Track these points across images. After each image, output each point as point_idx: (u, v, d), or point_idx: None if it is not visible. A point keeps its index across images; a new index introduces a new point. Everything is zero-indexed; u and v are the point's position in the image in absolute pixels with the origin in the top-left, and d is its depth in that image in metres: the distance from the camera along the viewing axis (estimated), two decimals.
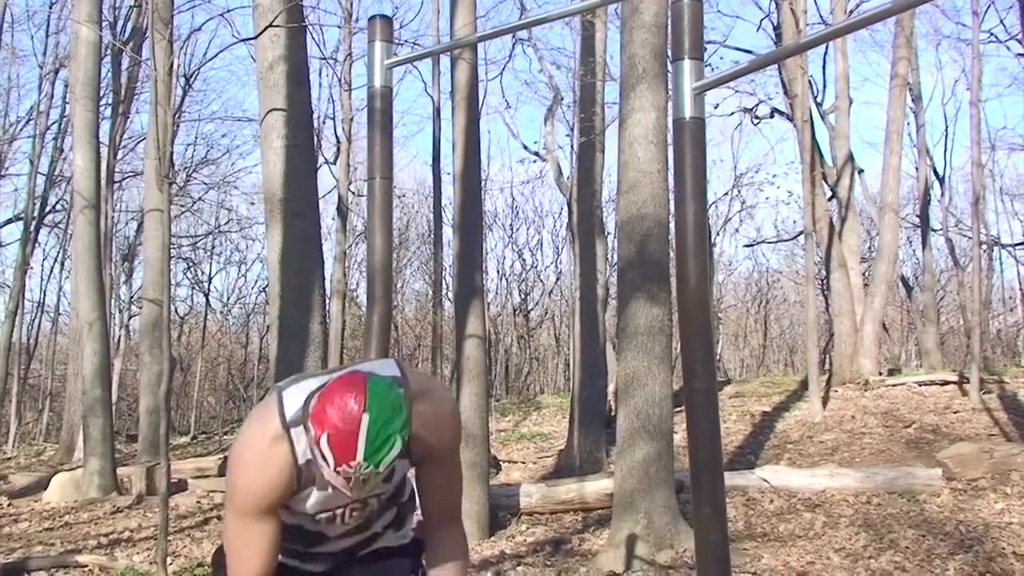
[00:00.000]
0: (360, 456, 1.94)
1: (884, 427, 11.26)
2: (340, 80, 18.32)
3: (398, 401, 2.00)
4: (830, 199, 16.37)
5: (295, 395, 2.12)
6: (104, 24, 14.64)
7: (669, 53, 5.24)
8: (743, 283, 33.33)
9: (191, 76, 21.72)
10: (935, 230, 21.67)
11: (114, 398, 14.88)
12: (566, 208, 17.43)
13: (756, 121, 19.19)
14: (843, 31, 3.99)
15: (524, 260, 29.25)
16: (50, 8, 21.47)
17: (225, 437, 18.66)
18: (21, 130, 22.81)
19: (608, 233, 15.88)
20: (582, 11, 6.28)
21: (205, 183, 25.82)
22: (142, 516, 9.63)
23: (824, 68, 19.85)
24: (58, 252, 24.17)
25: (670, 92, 6.19)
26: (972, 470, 8.40)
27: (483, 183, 14.99)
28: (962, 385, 13.12)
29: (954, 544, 6.70)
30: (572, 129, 15.82)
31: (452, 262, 9.12)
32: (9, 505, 10.72)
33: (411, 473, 2.38)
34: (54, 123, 21.34)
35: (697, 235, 2.77)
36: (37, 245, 22.31)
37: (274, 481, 2.11)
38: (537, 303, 29.74)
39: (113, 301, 20.91)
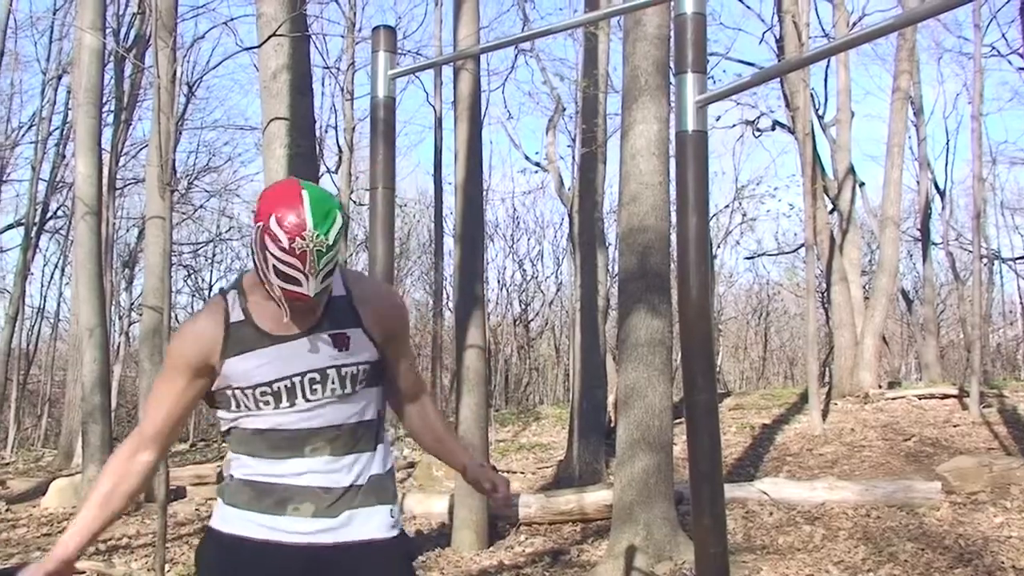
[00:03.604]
0: (310, 223, 2.08)
1: (884, 440, 11.25)
2: (343, 89, 18.36)
3: (328, 192, 2.20)
4: (831, 212, 16.38)
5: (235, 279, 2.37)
6: (107, 31, 14.67)
7: (672, 65, 5.25)
8: (744, 295, 33.36)
9: (194, 84, 21.79)
10: (936, 243, 21.72)
11: (113, 405, 14.87)
12: (567, 219, 17.44)
13: (758, 134, 19.21)
14: (846, 45, 4.00)
15: (525, 270, 29.27)
16: (54, 14, 21.53)
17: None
18: (23, 136, 22.88)
19: (609, 244, 15.91)
20: (585, 23, 6.30)
21: (207, 191, 25.89)
22: (140, 523, 9.62)
23: (826, 81, 19.93)
24: (59, 258, 24.19)
25: (672, 104, 6.20)
26: (972, 484, 8.39)
27: (485, 193, 15.01)
28: (962, 399, 13.11)
29: (953, 558, 6.69)
30: (574, 140, 15.84)
31: (453, 272, 9.13)
32: (7, 511, 10.71)
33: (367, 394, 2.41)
34: (56, 129, 21.39)
35: (699, 247, 2.77)
36: (38, 251, 22.36)
37: (204, 331, 2.26)
38: (537, 313, 29.74)
39: (113, 308, 20.90)
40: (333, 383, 2.27)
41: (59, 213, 22.31)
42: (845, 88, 16.40)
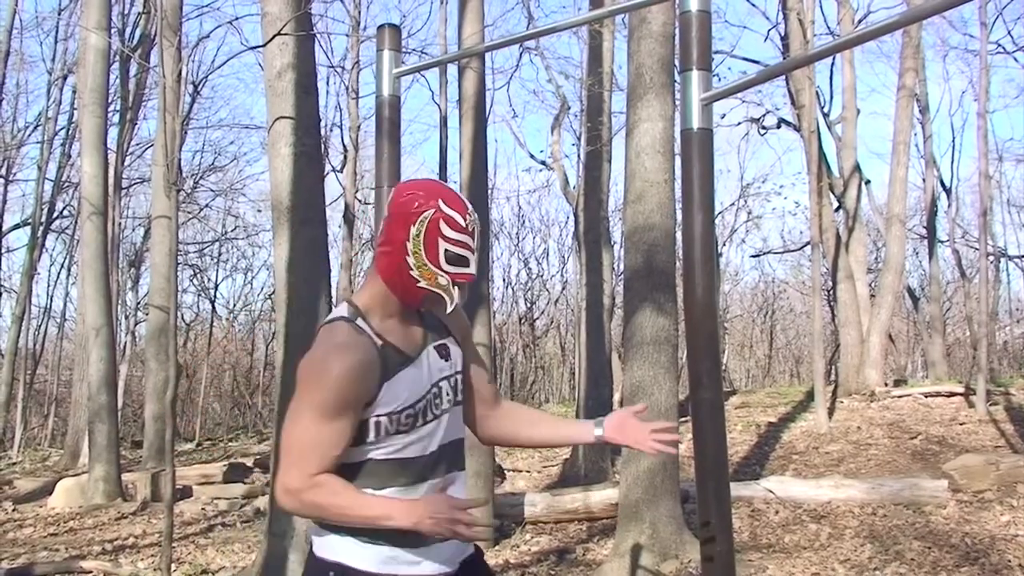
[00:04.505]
0: (468, 204, 2.24)
1: (890, 438, 11.23)
2: (348, 88, 18.38)
3: None
4: (837, 210, 16.36)
5: (340, 308, 2.28)
6: (113, 31, 14.69)
7: (677, 63, 5.25)
8: (749, 293, 33.35)
9: (199, 83, 21.84)
10: (942, 241, 21.66)
11: (119, 404, 14.89)
12: (572, 217, 17.46)
13: (763, 131, 19.19)
14: (852, 43, 3.99)
15: (530, 269, 29.28)
16: (59, 14, 21.59)
17: (230, 444, 18.66)
18: (29, 136, 22.96)
19: (614, 242, 15.89)
20: (590, 21, 6.30)
21: (212, 190, 25.95)
22: (147, 522, 9.64)
23: (831, 78, 19.87)
24: (65, 258, 24.28)
25: (677, 101, 6.20)
26: (978, 482, 8.38)
27: (490, 192, 14.99)
28: (968, 396, 13.09)
29: (960, 556, 6.68)
30: (579, 138, 15.87)
31: None
32: (14, 510, 10.73)
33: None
34: (62, 129, 21.44)
35: (704, 245, 2.77)
36: (44, 250, 22.40)
37: (365, 363, 2.14)
38: (543, 312, 29.75)
39: (119, 307, 20.95)
40: (448, 394, 2.30)
41: (65, 213, 22.37)
42: (850, 85, 16.37)
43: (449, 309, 2.26)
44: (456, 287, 2.24)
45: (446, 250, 2.19)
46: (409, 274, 2.19)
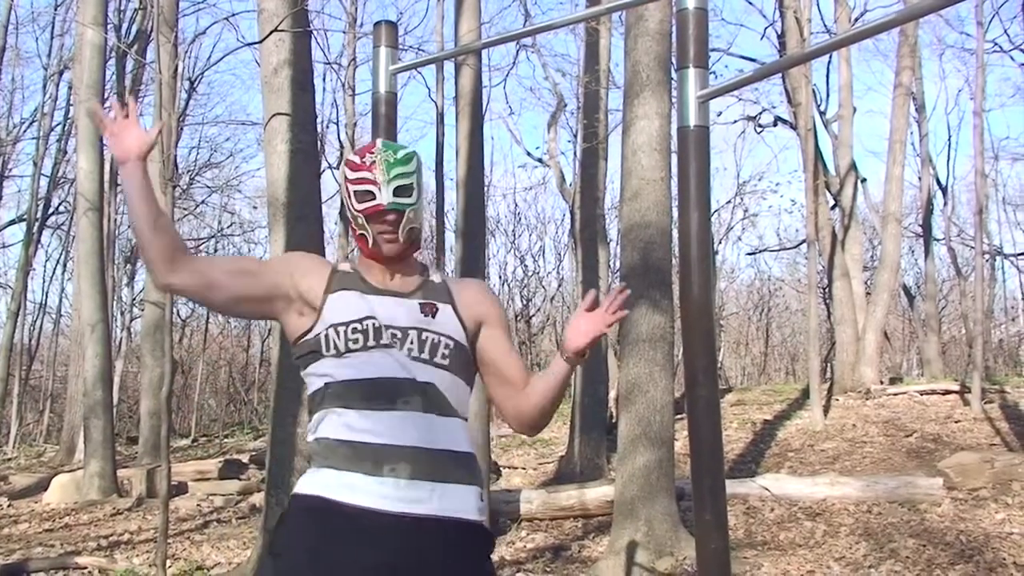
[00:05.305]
0: (378, 144, 2.37)
1: (885, 436, 11.24)
2: (344, 85, 18.36)
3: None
4: (833, 208, 16.38)
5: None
6: (109, 26, 14.67)
7: (674, 61, 5.25)
8: (745, 291, 33.33)
9: (195, 79, 21.77)
10: (937, 239, 21.69)
11: (115, 400, 14.88)
12: (568, 214, 17.47)
13: (759, 129, 19.20)
14: (848, 41, 4.00)
15: (526, 266, 29.26)
16: (55, 10, 21.57)
17: (226, 440, 18.65)
18: (25, 131, 22.92)
19: (611, 240, 15.88)
20: (587, 18, 6.30)
21: (208, 187, 25.89)
22: (142, 518, 9.63)
23: (828, 77, 19.91)
24: (60, 254, 24.22)
25: (674, 99, 6.20)
26: (973, 480, 8.39)
27: (486, 189, 15.01)
28: (964, 394, 13.11)
29: (954, 554, 6.69)
30: (575, 135, 15.87)
31: (454, 267, 9.12)
32: (9, 506, 10.73)
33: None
34: (58, 125, 21.42)
35: (700, 243, 2.77)
36: (40, 246, 22.38)
37: (317, 260, 2.42)
38: (539, 309, 29.74)
39: (115, 303, 20.91)
40: (411, 343, 2.27)
41: (61, 209, 22.34)
42: (847, 84, 16.38)
43: (369, 244, 2.33)
44: (377, 224, 2.31)
45: (354, 192, 2.31)
46: (355, 230, 2.36)
